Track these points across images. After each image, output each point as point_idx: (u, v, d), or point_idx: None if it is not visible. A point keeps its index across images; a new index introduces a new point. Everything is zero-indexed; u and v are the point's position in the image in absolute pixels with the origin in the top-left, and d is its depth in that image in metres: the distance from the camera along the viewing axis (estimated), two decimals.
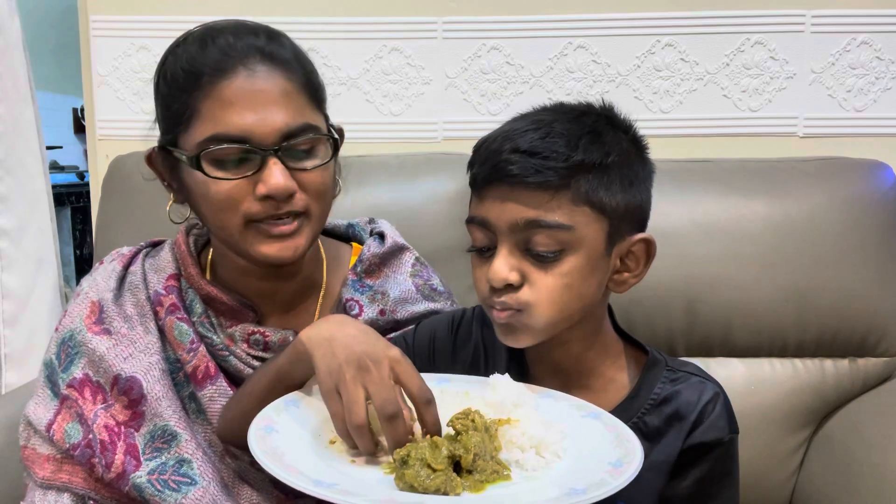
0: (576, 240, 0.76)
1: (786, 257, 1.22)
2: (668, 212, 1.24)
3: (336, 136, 0.92)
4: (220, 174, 0.84)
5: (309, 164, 0.87)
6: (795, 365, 1.24)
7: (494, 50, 1.51)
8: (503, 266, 0.76)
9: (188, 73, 0.85)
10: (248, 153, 0.84)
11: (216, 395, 0.92)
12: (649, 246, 0.81)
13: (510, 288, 0.76)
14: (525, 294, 0.76)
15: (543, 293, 0.76)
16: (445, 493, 0.62)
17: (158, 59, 0.91)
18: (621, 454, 0.67)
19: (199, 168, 0.84)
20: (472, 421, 0.67)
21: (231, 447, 0.91)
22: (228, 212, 0.86)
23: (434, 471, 0.63)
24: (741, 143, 1.50)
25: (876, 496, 1.02)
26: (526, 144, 0.75)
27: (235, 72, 0.84)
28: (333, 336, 0.75)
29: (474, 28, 1.50)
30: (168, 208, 0.95)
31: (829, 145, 1.48)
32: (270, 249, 0.87)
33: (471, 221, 0.81)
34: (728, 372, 1.23)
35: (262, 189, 0.84)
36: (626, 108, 0.83)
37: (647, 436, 0.79)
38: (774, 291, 1.22)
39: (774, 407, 1.23)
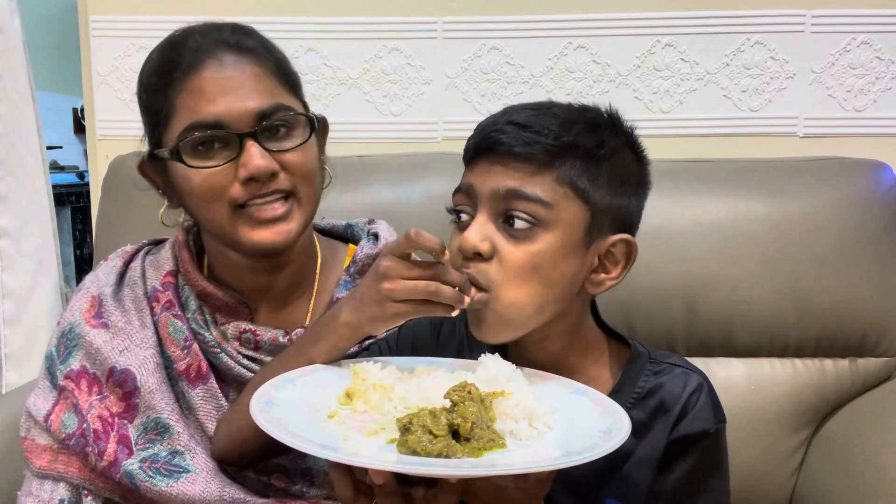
0: (553, 219, 0.75)
1: (785, 257, 1.22)
2: (668, 212, 1.24)
3: (314, 117, 0.92)
4: (200, 163, 0.86)
5: (288, 144, 0.88)
6: (795, 365, 1.24)
7: (494, 50, 1.51)
8: (476, 233, 0.76)
9: (161, 74, 0.88)
10: (224, 139, 0.86)
11: (207, 395, 0.93)
12: (630, 248, 0.80)
13: (479, 258, 0.76)
14: (493, 270, 0.75)
15: (510, 271, 0.75)
16: (447, 457, 0.64)
17: None
18: (610, 423, 0.69)
19: (180, 159, 0.86)
20: (469, 392, 0.69)
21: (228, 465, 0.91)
22: (215, 202, 0.87)
23: (435, 437, 0.65)
24: (741, 143, 1.50)
25: (876, 496, 1.02)
26: (521, 118, 0.77)
27: (205, 65, 0.86)
28: (344, 301, 0.80)
29: (474, 28, 1.50)
30: (161, 212, 0.97)
31: (829, 145, 1.48)
32: (262, 235, 0.88)
33: (457, 191, 0.81)
34: (728, 372, 1.23)
35: (242, 172, 0.85)
36: (626, 108, 0.83)
37: (633, 431, 0.78)
38: (774, 291, 1.22)
39: (774, 407, 1.22)
